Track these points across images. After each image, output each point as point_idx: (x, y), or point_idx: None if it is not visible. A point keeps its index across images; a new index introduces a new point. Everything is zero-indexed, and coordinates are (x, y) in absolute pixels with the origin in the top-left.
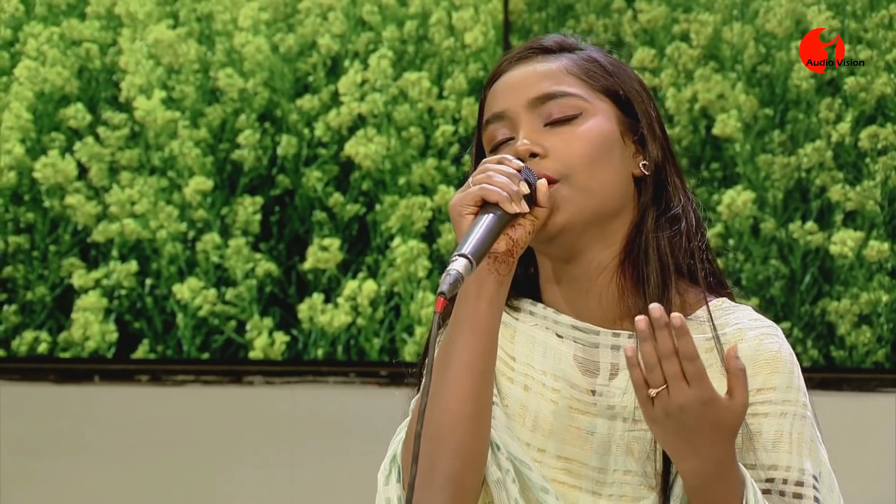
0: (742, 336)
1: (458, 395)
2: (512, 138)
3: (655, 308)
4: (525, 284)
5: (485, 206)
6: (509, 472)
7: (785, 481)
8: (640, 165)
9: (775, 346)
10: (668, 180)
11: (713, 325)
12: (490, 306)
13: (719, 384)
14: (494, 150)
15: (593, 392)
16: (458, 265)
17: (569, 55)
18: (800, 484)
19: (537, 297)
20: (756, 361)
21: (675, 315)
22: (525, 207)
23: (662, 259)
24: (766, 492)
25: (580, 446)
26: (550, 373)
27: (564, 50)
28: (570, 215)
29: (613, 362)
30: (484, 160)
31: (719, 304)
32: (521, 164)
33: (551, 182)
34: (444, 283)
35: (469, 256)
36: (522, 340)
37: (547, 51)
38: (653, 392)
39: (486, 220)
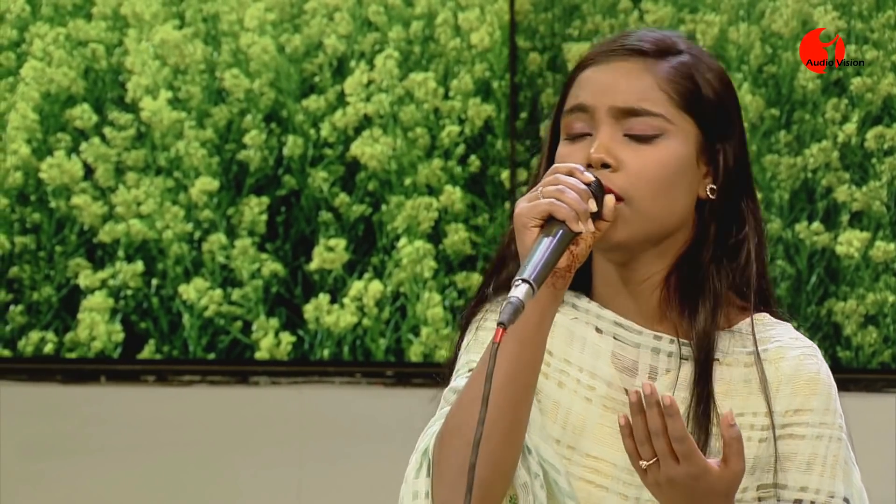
0: (783, 355)
1: (499, 406)
2: (589, 134)
3: (646, 385)
4: (575, 276)
5: (551, 220)
6: (538, 476)
7: (812, 503)
8: (707, 189)
9: (815, 368)
10: (737, 204)
11: (755, 339)
12: (542, 319)
13: (756, 399)
14: (569, 139)
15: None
16: (520, 292)
17: (664, 63)
18: None
19: (587, 288)
20: (795, 382)
21: (666, 395)
22: (591, 227)
23: (717, 293)
24: None
25: (610, 446)
26: (587, 370)
27: (663, 54)
28: (627, 235)
29: (653, 364)
30: (554, 167)
31: (760, 319)
32: (591, 177)
33: (617, 199)
34: (506, 313)
35: (532, 282)
36: (561, 334)
37: (644, 54)
38: (643, 464)
39: (550, 241)
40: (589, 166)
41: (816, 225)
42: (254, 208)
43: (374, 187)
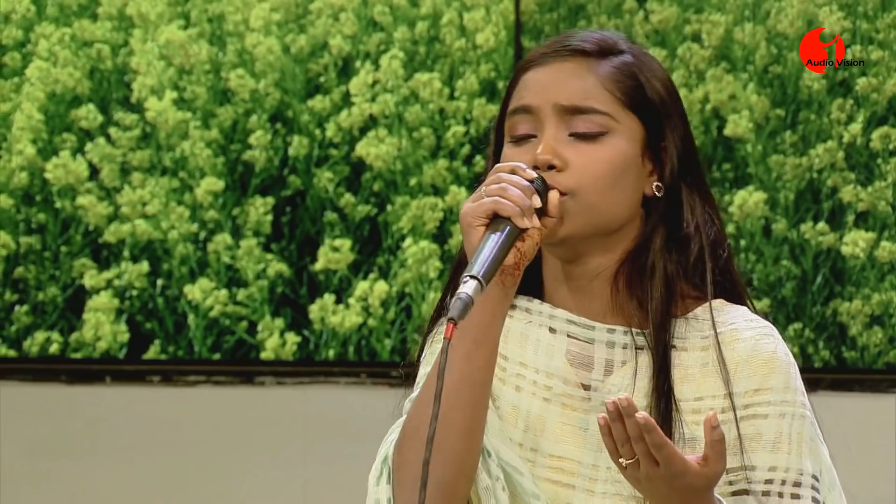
0: (737, 336)
1: (454, 406)
2: (534, 136)
3: (624, 398)
4: (526, 278)
5: (496, 218)
6: (499, 479)
7: (783, 482)
8: (653, 186)
9: (771, 347)
10: (683, 200)
11: (713, 322)
12: (493, 318)
13: (714, 382)
14: (514, 142)
15: (587, 387)
16: (468, 288)
17: (606, 62)
18: (797, 485)
19: (538, 289)
20: (752, 362)
21: (641, 414)
22: (536, 222)
23: (668, 281)
24: (765, 493)
25: (572, 443)
26: (543, 370)
27: (604, 53)
28: (573, 228)
29: (608, 358)
30: (497, 167)
31: (716, 303)
32: (534, 174)
33: (561, 194)
34: (455, 308)
35: (480, 278)
36: (515, 339)
37: (586, 54)
38: (623, 462)
39: (497, 237)
40: (535, 168)
41: (822, 225)
42: (259, 208)
43: (380, 187)
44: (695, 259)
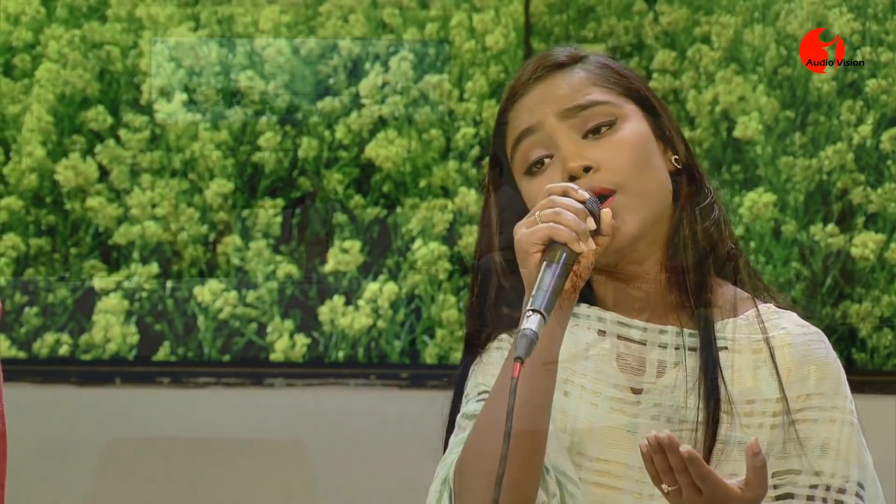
0: (790, 340)
1: (515, 430)
2: (550, 155)
3: (665, 436)
4: None
5: (552, 243)
6: (556, 495)
7: (828, 488)
8: (673, 160)
9: (823, 353)
10: (695, 173)
11: (763, 326)
12: (552, 341)
13: (767, 384)
14: (530, 171)
15: (637, 391)
16: (532, 323)
17: (581, 66)
18: (842, 491)
19: (582, 295)
20: (804, 367)
21: (685, 448)
22: (592, 245)
23: (700, 250)
24: (809, 498)
25: (620, 447)
26: (592, 374)
27: (576, 62)
28: (633, 225)
29: (661, 359)
30: (548, 188)
31: (766, 308)
32: (587, 195)
33: (608, 194)
34: (521, 347)
35: (543, 312)
36: (564, 342)
37: (562, 65)
38: (666, 489)
39: (555, 267)
40: (571, 178)
41: (831, 227)
42: (268, 210)
43: (389, 189)
44: (716, 224)
